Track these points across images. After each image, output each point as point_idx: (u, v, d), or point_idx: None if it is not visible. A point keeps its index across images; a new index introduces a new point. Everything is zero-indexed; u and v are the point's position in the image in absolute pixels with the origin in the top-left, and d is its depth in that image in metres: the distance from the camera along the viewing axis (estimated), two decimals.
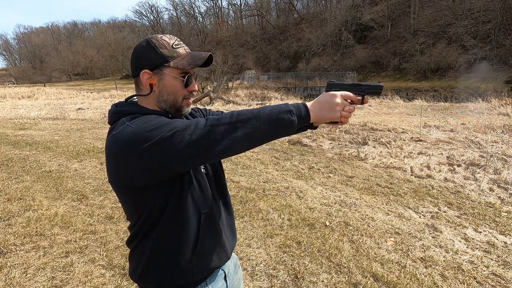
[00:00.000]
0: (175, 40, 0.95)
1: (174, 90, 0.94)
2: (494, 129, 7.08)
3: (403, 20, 33.47)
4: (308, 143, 6.90)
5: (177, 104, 0.96)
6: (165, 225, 0.92)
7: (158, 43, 0.92)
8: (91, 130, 9.40)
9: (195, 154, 0.79)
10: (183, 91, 0.95)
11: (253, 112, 0.82)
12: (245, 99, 20.31)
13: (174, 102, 0.95)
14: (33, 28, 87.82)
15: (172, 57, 0.92)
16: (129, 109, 0.94)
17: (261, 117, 0.81)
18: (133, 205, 0.93)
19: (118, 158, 0.84)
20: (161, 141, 0.78)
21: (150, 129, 0.80)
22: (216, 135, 0.79)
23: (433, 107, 13.78)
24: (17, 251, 2.73)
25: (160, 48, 0.91)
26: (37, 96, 23.49)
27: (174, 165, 0.82)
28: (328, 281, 2.32)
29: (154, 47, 0.91)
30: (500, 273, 2.41)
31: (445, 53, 25.15)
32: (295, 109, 0.84)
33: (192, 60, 0.92)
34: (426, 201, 3.77)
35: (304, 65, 36.23)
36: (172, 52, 0.92)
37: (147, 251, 0.94)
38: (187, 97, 0.97)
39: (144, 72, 0.92)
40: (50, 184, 4.47)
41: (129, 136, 0.81)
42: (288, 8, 51.89)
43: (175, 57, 0.92)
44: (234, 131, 0.79)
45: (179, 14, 67.23)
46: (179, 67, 0.92)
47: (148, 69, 0.92)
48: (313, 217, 3.36)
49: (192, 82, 0.97)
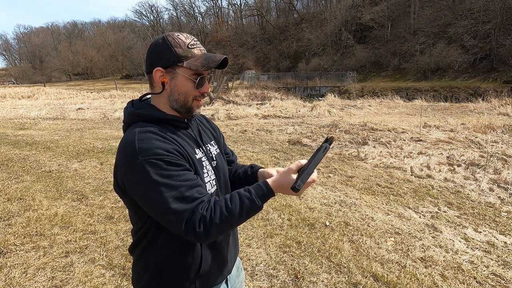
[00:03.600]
0: (191, 39, 0.94)
1: (185, 90, 0.93)
2: (494, 129, 7.08)
3: (403, 20, 33.45)
4: (308, 143, 6.89)
5: (187, 104, 0.95)
6: (167, 241, 0.92)
7: (174, 42, 0.91)
8: (91, 130, 9.40)
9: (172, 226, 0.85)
10: (194, 92, 0.94)
11: (236, 218, 0.85)
12: (245, 99, 20.30)
13: (184, 102, 0.95)
14: (33, 28, 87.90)
15: (186, 57, 0.91)
16: (144, 113, 0.93)
17: (241, 220, 0.87)
18: (133, 210, 0.94)
19: (118, 163, 0.87)
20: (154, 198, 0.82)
21: (154, 181, 0.81)
22: (200, 230, 0.82)
23: (433, 107, 13.78)
24: (17, 251, 2.73)
25: (175, 47, 0.90)
26: (37, 96, 23.47)
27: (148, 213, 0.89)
28: (328, 281, 2.32)
29: (170, 45, 0.90)
30: (500, 273, 2.41)
31: (445, 53, 25.13)
32: (262, 201, 0.89)
33: (206, 62, 0.91)
34: (426, 201, 3.77)
35: (304, 65, 36.19)
36: (187, 52, 0.91)
37: (151, 264, 0.95)
38: (198, 98, 0.96)
39: (157, 70, 0.92)
40: (50, 184, 4.47)
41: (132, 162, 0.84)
42: (288, 8, 51.85)
43: (190, 57, 0.91)
44: (215, 232, 0.84)
45: (179, 14, 67.20)
46: (192, 68, 0.91)
47: (161, 67, 0.91)
48: (313, 217, 3.36)
49: (205, 84, 0.96)
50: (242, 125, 9.86)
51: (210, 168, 1.00)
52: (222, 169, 1.07)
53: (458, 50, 25.02)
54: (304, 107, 13.07)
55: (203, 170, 0.97)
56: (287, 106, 13.65)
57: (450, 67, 24.90)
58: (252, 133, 8.43)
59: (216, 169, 1.03)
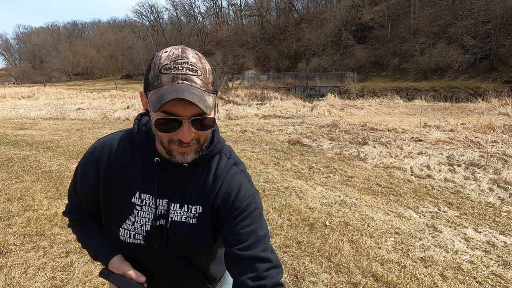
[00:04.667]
0: (169, 61, 0.69)
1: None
2: (494, 129, 7.08)
3: (403, 20, 33.44)
4: (308, 143, 6.89)
5: (164, 144, 0.75)
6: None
7: (154, 61, 0.72)
8: (91, 130, 9.40)
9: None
10: (165, 134, 0.73)
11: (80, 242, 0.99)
12: (245, 99, 20.30)
13: (161, 141, 0.75)
14: (33, 28, 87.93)
15: (153, 86, 0.71)
16: (136, 136, 0.84)
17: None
18: None
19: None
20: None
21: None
22: None
23: (433, 107, 13.78)
24: (17, 251, 2.73)
25: (150, 69, 0.72)
26: (37, 96, 23.46)
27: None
28: (328, 281, 2.32)
29: (150, 65, 0.73)
30: (500, 273, 2.41)
31: (445, 53, 25.12)
32: (96, 258, 0.93)
33: (158, 101, 0.67)
34: (426, 201, 3.77)
35: (304, 65, 36.18)
36: (154, 79, 0.70)
37: None
38: (175, 143, 0.73)
39: (140, 93, 0.78)
40: (50, 184, 4.47)
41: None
42: (288, 8, 51.86)
43: (155, 87, 0.70)
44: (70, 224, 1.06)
45: (179, 14, 67.22)
46: (150, 106, 0.71)
47: (143, 91, 0.76)
48: (313, 217, 3.36)
49: (180, 130, 0.71)
50: (242, 125, 9.86)
51: (145, 222, 0.83)
52: (172, 237, 0.83)
53: (458, 50, 25.01)
54: (304, 107, 13.08)
55: (130, 214, 0.84)
56: (287, 106, 13.66)
57: (450, 67, 24.89)
58: (252, 133, 8.43)
59: (154, 231, 0.83)
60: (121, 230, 0.86)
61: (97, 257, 0.91)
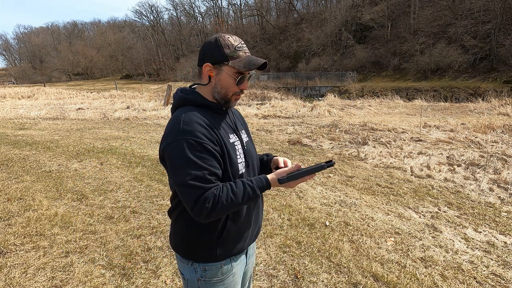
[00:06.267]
0: (238, 42, 1.09)
1: (227, 85, 1.09)
2: (494, 129, 7.08)
3: (403, 20, 33.43)
4: (308, 143, 6.89)
5: (227, 97, 1.12)
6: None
7: (224, 43, 1.06)
8: (91, 130, 9.39)
9: (184, 196, 1.00)
10: (234, 88, 1.10)
11: (239, 201, 1.02)
12: (245, 99, 20.27)
13: (225, 95, 1.11)
14: (33, 28, 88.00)
15: (232, 58, 1.07)
16: (191, 98, 1.11)
17: (242, 203, 1.03)
18: (170, 178, 1.09)
19: (164, 135, 1.05)
20: (181, 173, 0.98)
21: (185, 158, 0.98)
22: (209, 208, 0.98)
23: (433, 107, 13.77)
24: (17, 251, 2.73)
25: (224, 48, 1.06)
26: (37, 96, 23.46)
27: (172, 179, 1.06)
28: (328, 281, 2.32)
29: (220, 45, 1.06)
30: (500, 273, 2.41)
31: (445, 53, 25.11)
32: (261, 191, 1.08)
33: (248, 64, 1.07)
34: (426, 201, 3.77)
35: (304, 65, 36.18)
36: (233, 53, 1.07)
37: (184, 225, 1.14)
38: (237, 94, 1.13)
39: (206, 65, 1.08)
40: (50, 184, 4.47)
41: (176, 133, 1.00)
42: (288, 8, 51.83)
43: (235, 58, 1.07)
44: (219, 209, 0.99)
45: (179, 14, 67.15)
46: (236, 67, 1.06)
47: (210, 63, 1.08)
48: (313, 217, 3.36)
49: (244, 82, 1.12)
50: None
51: (242, 152, 1.16)
52: (251, 155, 1.23)
53: (458, 50, 25.02)
54: (304, 107, 13.07)
55: (236, 152, 1.12)
56: (287, 106, 13.65)
57: (450, 67, 24.89)
58: (252, 133, 8.43)
59: (246, 154, 1.18)
60: (239, 166, 1.13)
61: (261, 190, 1.08)
